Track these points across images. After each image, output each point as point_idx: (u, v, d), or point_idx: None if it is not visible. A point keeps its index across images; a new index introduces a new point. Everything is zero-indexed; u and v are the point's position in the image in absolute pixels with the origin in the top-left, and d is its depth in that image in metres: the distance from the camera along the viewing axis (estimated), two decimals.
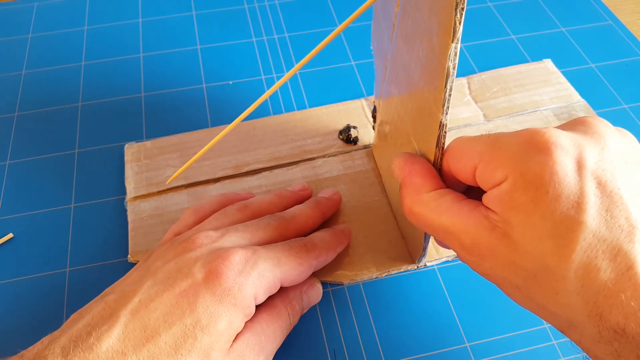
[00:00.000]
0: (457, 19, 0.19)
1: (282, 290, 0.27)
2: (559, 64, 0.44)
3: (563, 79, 0.42)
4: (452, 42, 0.19)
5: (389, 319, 0.30)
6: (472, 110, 0.40)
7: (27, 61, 0.45)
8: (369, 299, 0.31)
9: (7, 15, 0.49)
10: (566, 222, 0.19)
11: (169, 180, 0.34)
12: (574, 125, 0.22)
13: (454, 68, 0.20)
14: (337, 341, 0.30)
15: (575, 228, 0.19)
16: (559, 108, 0.40)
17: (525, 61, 0.44)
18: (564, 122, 0.39)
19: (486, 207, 0.22)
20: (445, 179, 0.25)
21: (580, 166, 0.20)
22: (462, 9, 0.18)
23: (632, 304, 0.18)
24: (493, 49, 0.45)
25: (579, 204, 0.19)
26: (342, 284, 0.32)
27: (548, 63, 0.44)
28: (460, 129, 0.39)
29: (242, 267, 0.25)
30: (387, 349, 0.30)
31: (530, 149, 0.21)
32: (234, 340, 0.24)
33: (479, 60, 0.44)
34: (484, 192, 0.22)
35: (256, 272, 0.25)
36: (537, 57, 0.44)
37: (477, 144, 0.23)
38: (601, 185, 0.20)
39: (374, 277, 0.32)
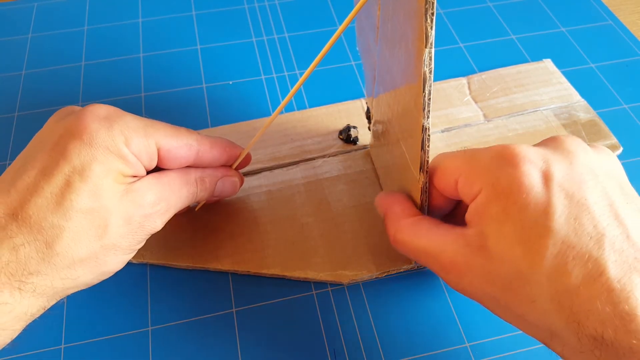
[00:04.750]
0: (427, 24, 0.19)
1: (199, 167, 0.29)
2: (559, 64, 0.44)
3: (563, 79, 0.42)
4: (426, 47, 0.20)
5: (389, 319, 0.30)
6: (472, 110, 0.40)
7: (27, 61, 0.45)
8: (369, 299, 0.31)
9: (7, 15, 0.49)
10: (535, 229, 0.20)
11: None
12: (545, 142, 0.23)
13: (430, 72, 0.20)
14: (337, 341, 0.30)
15: (544, 234, 0.20)
16: (559, 108, 0.40)
17: (525, 61, 0.44)
18: (564, 122, 0.39)
19: (461, 227, 0.23)
20: (433, 197, 0.26)
21: (547, 178, 0.21)
22: (432, 14, 0.19)
23: (607, 309, 0.19)
24: (493, 49, 0.45)
25: (546, 212, 0.20)
26: (342, 284, 0.32)
27: (548, 63, 0.44)
28: (461, 129, 0.39)
29: (106, 115, 0.25)
30: (387, 349, 0.30)
31: (500, 161, 0.22)
32: (132, 182, 0.25)
33: (479, 60, 0.44)
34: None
35: (122, 121, 0.25)
36: (537, 57, 0.44)
37: (456, 160, 0.24)
38: (569, 195, 0.20)
39: (374, 277, 0.32)
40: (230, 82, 0.43)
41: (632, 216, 0.21)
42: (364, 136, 0.38)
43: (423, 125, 0.22)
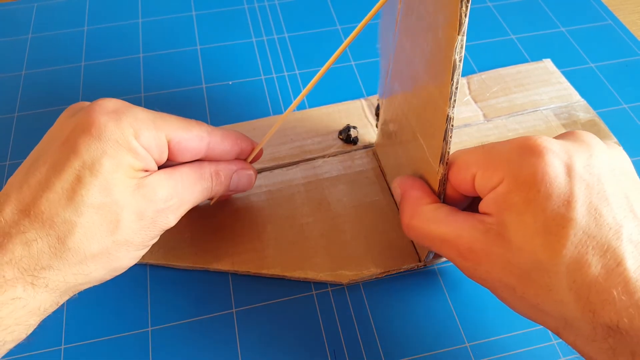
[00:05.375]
0: (462, 11, 0.19)
1: (213, 161, 0.29)
2: (559, 64, 0.44)
3: (563, 79, 0.42)
4: (459, 34, 0.19)
5: (389, 319, 0.30)
6: (472, 110, 0.40)
7: (27, 61, 0.45)
8: (369, 299, 0.31)
9: (7, 15, 0.49)
10: (557, 219, 0.20)
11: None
12: (563, 136, 0.24)
13: (460, 61, 0.20)
14: (337, 341, 0.30)
15: (565, 224, 0.20)
16: (559, 108, 0.40)
17: (525, 61, 0.44)
18: (564, 122, 0.39)
19: (480, 214, 0.23)
20: (448, 194, 0.26)
21: (569, 169, 0.21)
22: (468, 0, 0.18)
23: (624, 298, 0.19)
24: (493, 49, 0.45)
25: (568, 202, 0.20)
26: (342, 284, 0.32)
27: (548, 63, 0.44)
28: (461, 129, 0.39)
29: (114, 108, 0.25)
30: (387, 349, 0.30)
31: (523, 152, 0.22)
32: (144, 177, 0.25)
33: (479, 60, 0.44)
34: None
35: (131, 113, 0.25)
36: (537, 57, 0.44)
37: (474, 155, 0.24)
38: (589, 186, 0.21)
39: (374, 277, 0.32)
40: (230, 82, 0.43)
41: None
42: (364, 136, 0.38)
43: (448, 115, 0.22)
